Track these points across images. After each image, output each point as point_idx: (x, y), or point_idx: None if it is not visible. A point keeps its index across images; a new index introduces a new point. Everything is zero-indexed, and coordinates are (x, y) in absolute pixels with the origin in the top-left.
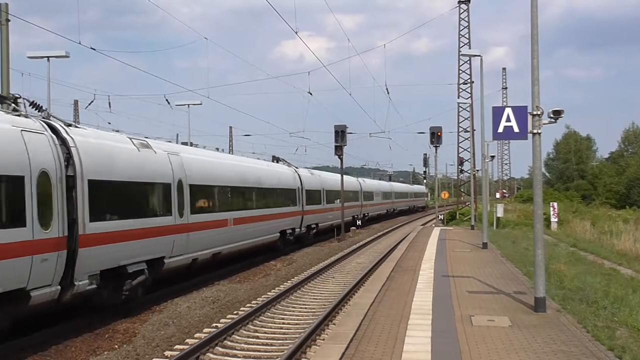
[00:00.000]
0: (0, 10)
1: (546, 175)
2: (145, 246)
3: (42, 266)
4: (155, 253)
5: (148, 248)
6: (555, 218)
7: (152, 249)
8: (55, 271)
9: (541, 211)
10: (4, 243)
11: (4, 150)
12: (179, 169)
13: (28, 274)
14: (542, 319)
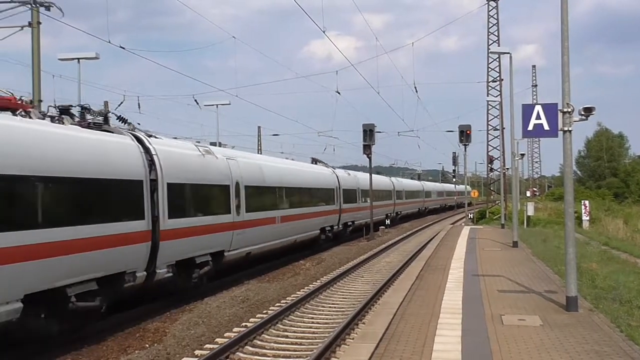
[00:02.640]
0: (32, 13)
1: (577, 173)
2: (210, 240)
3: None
4: (217, 247)
5: (212, 242)
6: (587, 216)
7: (215, 243)
8: (144, 260)
9: (572, 209)
10: (113, 234)
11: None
12: (236, 172)
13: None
14: (574, 319)
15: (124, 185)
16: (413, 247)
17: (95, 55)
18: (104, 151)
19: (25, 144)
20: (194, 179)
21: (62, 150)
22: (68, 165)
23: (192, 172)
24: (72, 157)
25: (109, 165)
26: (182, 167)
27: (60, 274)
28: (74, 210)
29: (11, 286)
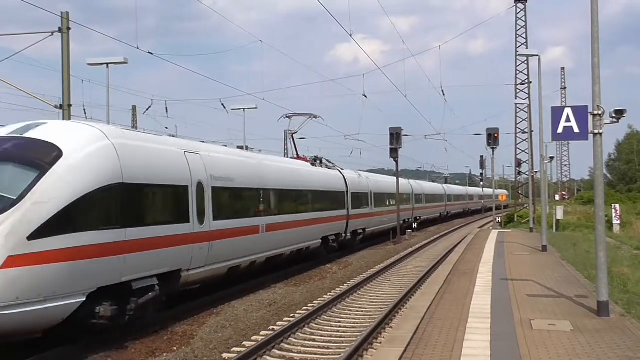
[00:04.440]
0: (62, 18)
1: (608, 177)
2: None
3: (199, 252)
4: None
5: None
6: (618, 220)
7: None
8: (209, 255)
9: (603, 213)
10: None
11: (178, 166)
12: (268, 176)
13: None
14: (605, 324)
15: (181, 190)
16: (440, 251)
17: (124, 60)
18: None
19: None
20: (239, 183)
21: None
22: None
23: (240, 176)
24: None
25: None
26: (229, 171)
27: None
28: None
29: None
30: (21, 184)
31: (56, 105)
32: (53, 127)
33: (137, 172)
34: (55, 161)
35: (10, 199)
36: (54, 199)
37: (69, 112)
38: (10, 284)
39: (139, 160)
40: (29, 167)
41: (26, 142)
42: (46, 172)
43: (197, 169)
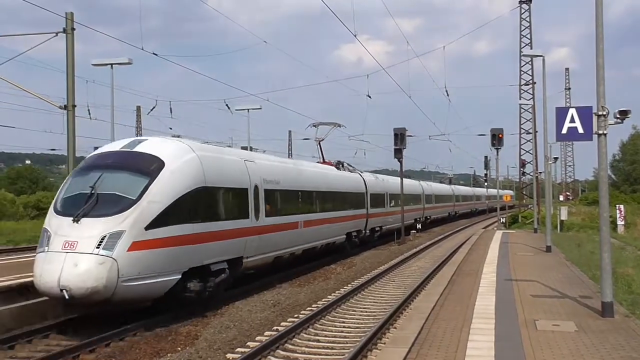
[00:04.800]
0: (66, 19)
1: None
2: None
3: (255, 243)
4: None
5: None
6: (622, 221)
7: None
8: (261, 246)
9: (607, 214)
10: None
11: (240, 172)
12: (304, 179)
13: (250, 249)
14: (609, 324)
15: (243, 192)
16: (444, 252)
17: (128, 61)
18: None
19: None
20: (286, 186)
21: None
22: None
23: (285, 179)
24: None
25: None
26: (276, 176)
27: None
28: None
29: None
30: (138, 188)
31: (60, 106)
32: (153, 142)
33: (214, 178)
34: (160, 169)
35: (132, 199)
36: (161, 199)
37: (73, 112)
38: (134, 263)
39: (214, 168)
40: (142, 174)
41: (137, 155)
42: (155, 178)
43: (253, 174)
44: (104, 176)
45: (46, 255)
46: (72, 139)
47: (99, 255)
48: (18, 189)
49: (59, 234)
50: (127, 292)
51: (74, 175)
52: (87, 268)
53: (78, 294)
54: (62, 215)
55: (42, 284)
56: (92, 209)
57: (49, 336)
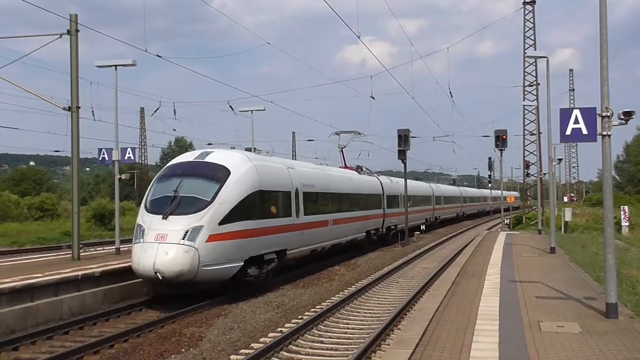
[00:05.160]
0: (70, 20)
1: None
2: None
3: (296, 237)
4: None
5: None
6: (627, 222)
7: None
8: (301, 242)
9: (611, 215)
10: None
11: (285, 177)
12: (332, 183)
13: (294, 242)
14: (614, 326)
15: (286, 195)
16: (448, 253)
17: (132, 62)
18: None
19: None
20: (320, 189)
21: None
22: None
23: (319, 183)
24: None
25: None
26: (313, 180)
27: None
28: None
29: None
30: (211, 191)
31: (64, 107)
32: (220, 154)
33: (266, 183)
34: (227, 176)
35: (207, 201)
36: (229, 200)
37: (77, 114)
38: (211, 251)
39: (266, 175)
40: (214, 180)
41: (208, 165)
42: (224, 183)
43: (294, 179)
44: (183, 182)
45: (142, 245)
46: (76, 140)
47: (184, 245)
48: (22, 190)
49: (152, 229)
50: (205, 275)
51: (157, 180)
52: (175, 255)
53: (169, 276)
54: (153, 214)
55: (140, 269)
56: (177, 208)
57: (52, 337)
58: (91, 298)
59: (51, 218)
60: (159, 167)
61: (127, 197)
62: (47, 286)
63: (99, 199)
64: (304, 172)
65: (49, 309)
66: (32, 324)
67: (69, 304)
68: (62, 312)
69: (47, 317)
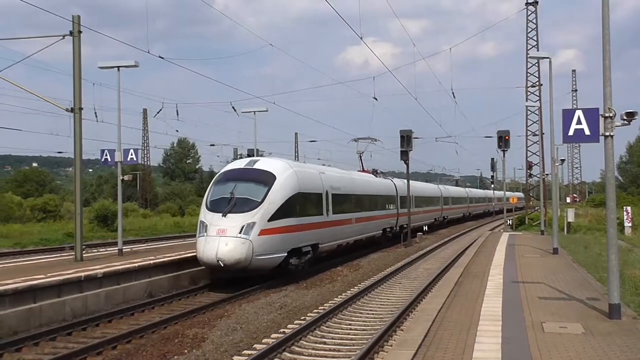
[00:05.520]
0: (73, 22)
1: (619, 179)
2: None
3: (326, 233)
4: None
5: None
6: (629, 223)
7: (381, 224)
8: (331, 238)
9: (614, 215)
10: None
11: (317, 181)
12: (326, 183)
13: (325, 237)
14: (617, 326)
15: (318, 196)
16: (451, 254)
17: (135, 63)
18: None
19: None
20: (348, 191)
21: (372, 183)
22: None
23: (344, 186)
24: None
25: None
26: (340, 183)
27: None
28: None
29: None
30: (261, 193)
31: (67, 109)
32: (266, 161)
33: (304, 186)
34: (274, 181)
35: (258, 201)
36: (276, 201)
37: (79, 115)
38: (262, 243)
39: (304, 179)
40: (263, 184)
41: (257, 171)
42: (271, 187)
43: (325, 183)
44: (237, 185)
45: (206, 238)
46: (78, 141)
47: (241, 238)
48: (25, 191)
49: (213, 224)
50: (257, 263)
51: (215, 184)
52: (234, 246)
53: (228, 264)
54: (214, 212)
55: (204, 258)
56: (233, 207)
57: (55, 338)
58: (94, 299)
59: (54, 219)
60: (161, 168)
61: (129, 199)
62: (50, 287)
63: (101, 200)
64: (332, 176)
65: (52, 310)
66: (35, 325)
67: (71, 305)
68: (64, 313)
69: (50, 318)
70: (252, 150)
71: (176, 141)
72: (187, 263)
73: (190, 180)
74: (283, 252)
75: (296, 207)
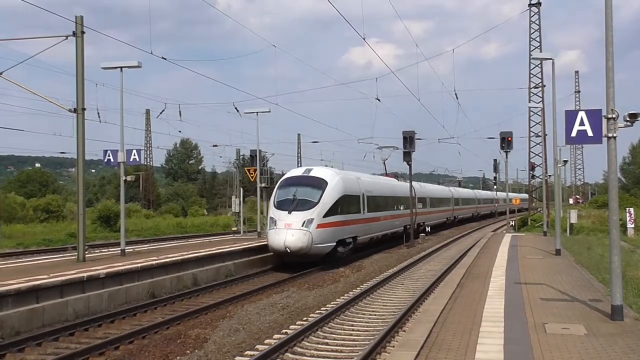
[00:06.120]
0: (76, 22)
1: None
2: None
3: (363, 228)
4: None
5: (400, 222)
6: (632, 224)
7: (402, 222)
8: (366, 231)
9: (617, 217)
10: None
11: (356, 185)
12: (362, 187)
13: (362, 231)
14: (619, 328)
15: (356, 197)
16: (453, 255)
17: (138, 64)
18: (405, 187)
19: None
20: (380, 192)
21: (395, 186)
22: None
23: (377, 189)
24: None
25: (407, 190)
26: (373, 187)
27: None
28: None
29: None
30: (317, 196)
31: (70, 109)
32: (319, 170)
33: (347, 189)
34: (326, 185)
35: (315, 202)
36: (328, 201)
37: (82, 115)
38: (318, 235)
39: (348, 184)
40: (318, 188)
41: (313, 178)
42: (324, 190)
43: (361, 186)
44: (298, 189)
45: (275, 231)
46: (81, 142)
47: (303, 230)
48: (28, 192)
49: (281, 220)
50: (315, 250)
51: (279, 188)
52: (298, 237)
53: (294, 250)
54: (281, 210)
55: (274, 245)
56: (296, 206)
57: (58, 339)
58: (96, 299)
59: (56, 220)
60: (164, 169)
61: (132, 199)
62: (52, 288)
63: (104, 200)
64: (366, 181)
65: (55, 310)
66: (37, 326)
67: (74, 306)
68: (67, 314)
69: (53, 319)
70: (254, 151)
71: (179, 142)
72: (189, 263)
73: (193, 180)
74: (333, 242)
75: (342, 206)
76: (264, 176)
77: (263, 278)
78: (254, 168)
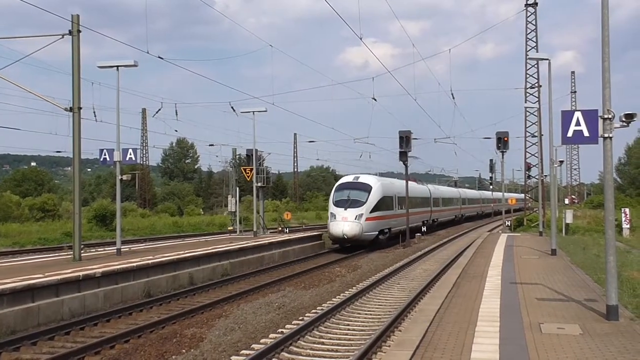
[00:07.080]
0: (72, 21)
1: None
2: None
3: (394, 221)
4: (421, 220)
5: (420, 217)
6: (627, 224)
7: (421, 218)
8: (397, 224)
9: (612, 217)
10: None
11: (391, 188)
12: (393, 190)
13: (394, 223)
14: (614, 328)
15: (389, 198)
16: (449, 255)
17: (134, 63)
18: (424, 189)
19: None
20: (403, 193)
21: (416, 188)
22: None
23: (399, 191)
24: (416, 190)
25: (425, 191)
26: (397, 189)
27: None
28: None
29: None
30: (365, 197)
31: (66, 108)
32: (365, 177)
33: (385, 192)
34: (371, 189)
35: (363, 202)
36: (372, 201)
37: (78, 114)
38: (366, 225)
39: (385, 187)
40: (365, 191)
41: (361, 183)
42: (370, 193)
43: (393, 189)
44: (350, 192)
45: (335, 223)
46: (77, 141)
47: (355, 222)
48: (23, 190)
49: (339, 214)
50: (364, 237)
51: (336, 190)
52: (352, 227)
53: (349, 237)
54: (338, 207)
55: (334, 233)
56: (350, 204)
57: (54, 338)
58: (92, 299)
59: (52, 219)
60: (160, 168)
61: (128, 198)
62: (48, 287)
63: (100, 199)
64: (397, 185)
65: (50, 309)
66: (33, 325)
67: (69, 305)
68: (63, 313)
69: (48, 318)
70: (251, 150)
71: (175, 141)
72: (185, 263)
73: (189, 180)
74: (376, 231)
75: (382, 205)
76: (260, 175)
77: (259, 277)
78: (250, 167)
